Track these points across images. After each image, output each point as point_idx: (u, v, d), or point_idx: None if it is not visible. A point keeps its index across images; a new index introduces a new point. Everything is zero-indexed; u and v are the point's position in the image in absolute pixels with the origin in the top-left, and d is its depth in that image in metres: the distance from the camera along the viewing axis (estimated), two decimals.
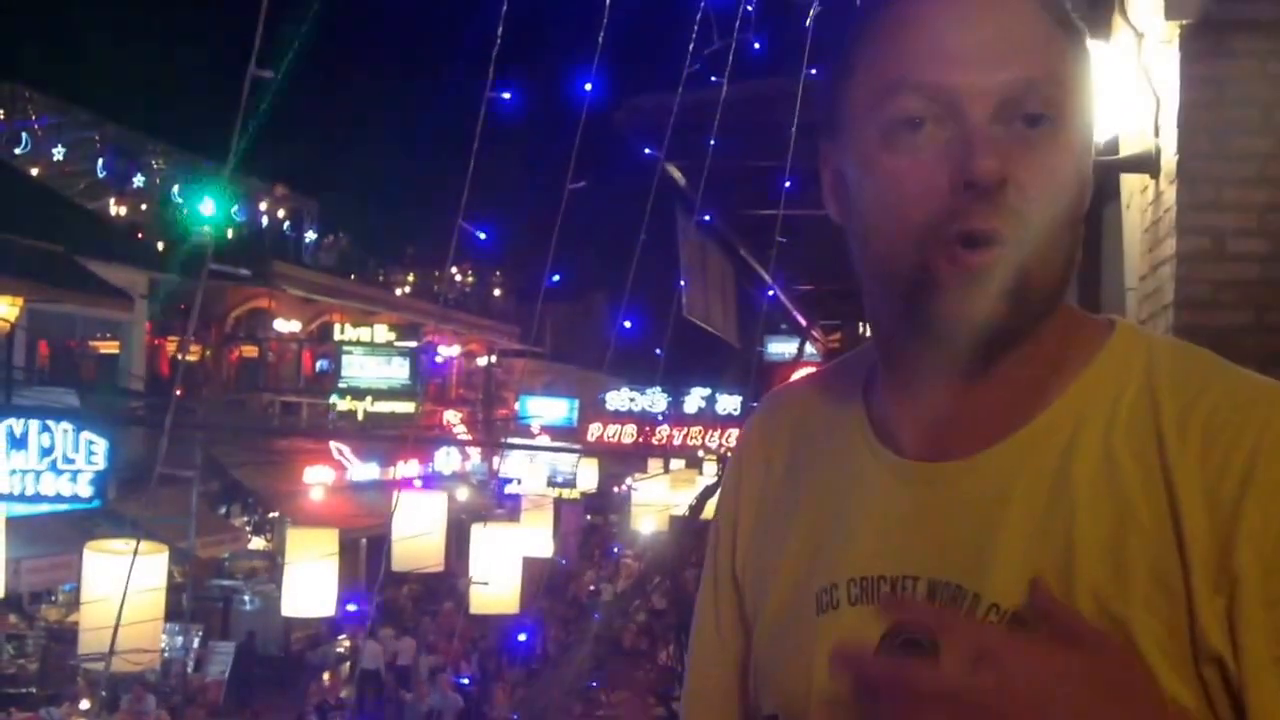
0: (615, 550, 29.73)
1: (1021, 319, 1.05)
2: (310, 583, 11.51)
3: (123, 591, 8.62)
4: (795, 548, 1.20)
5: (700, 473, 29.16)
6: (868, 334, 1.21)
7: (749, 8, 6.19)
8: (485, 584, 11.21)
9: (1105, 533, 1.03)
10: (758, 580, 1.24)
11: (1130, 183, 4.60)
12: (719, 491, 1.37)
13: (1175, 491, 1.01)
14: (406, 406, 32.68)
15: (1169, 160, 4.10)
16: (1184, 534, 1.00)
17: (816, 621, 1.14)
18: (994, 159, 1.00)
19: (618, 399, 39.57)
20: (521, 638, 15.46)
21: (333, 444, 26.57)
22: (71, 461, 17.94)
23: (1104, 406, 1.07)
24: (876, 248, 1.08)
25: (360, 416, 31.52)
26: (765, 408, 1.36)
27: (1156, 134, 4.21)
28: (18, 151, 32.61)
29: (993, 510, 1.07)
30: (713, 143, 5.97)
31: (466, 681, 18.71)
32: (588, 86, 5.50)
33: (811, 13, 5.85)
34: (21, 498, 17.38)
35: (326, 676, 20.81)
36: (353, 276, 36.01)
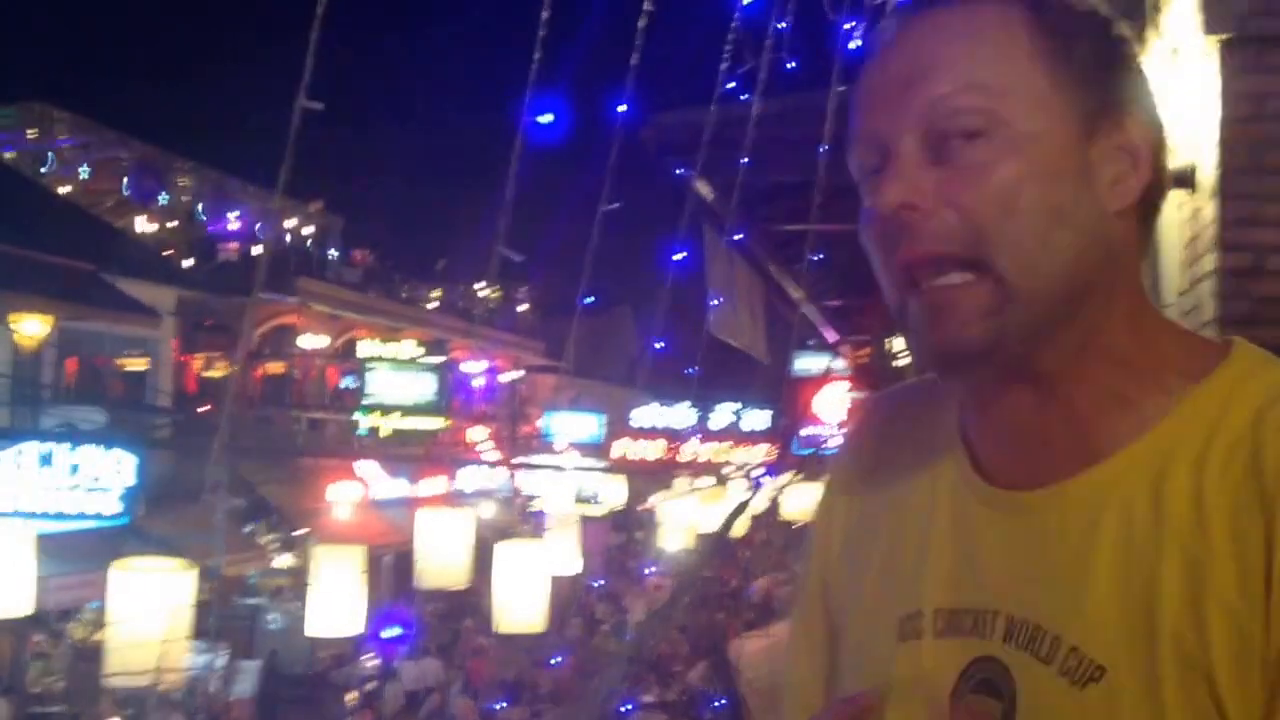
0: (650, 569, 29.55)
1: (1017, 331, 1.00)
2: (336, 601, 11.47)
3: (151, 610, 8.64)
4: (879, 566, 1.16)
5: (727, 489, 29.03)
6: (897, 349, 1.18)
7: (781, 26, 6.15)
8: (514, 604, 11.14)
9: (1188, 579, 0.96)
10: (843, 596, 1.21)
11: (1167, 198, 4.54)
12: (819, 500, 1.32)
13: (1274, 537, 0.95)
14: (432, 423, 32.66)
15: (1207, 176, 4.05)
16: (1274, 580, 0.94)
17: (897, 649, 1.10)
18: (893, 189, 1.00)
19: (644, 415, 39.46)
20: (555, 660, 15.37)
21: (356, 464, 26.60)
22: (99, 479, 17.97)
23: (1200, 437, 1.00)
24: (881, 289, 1.07)
25: (386, 433, 31.54)
26: (865, 416, 1.32)
27: (1194, 149, 4.16)
28: (45, 170, 32.84)
29: (1078, 546, 1.02)
30: (744, 160, 5.93)
31: (503, 706, 18.52)
32: (622, 108, 5.48)
33: (855, 30, 5.82)
34: (49, 515, 17.41)
35: (349, 697, 20.77)
36: (378, 293, 36.07)
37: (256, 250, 30.37)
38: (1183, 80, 4.23)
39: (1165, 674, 0.95)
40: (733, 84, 6.05)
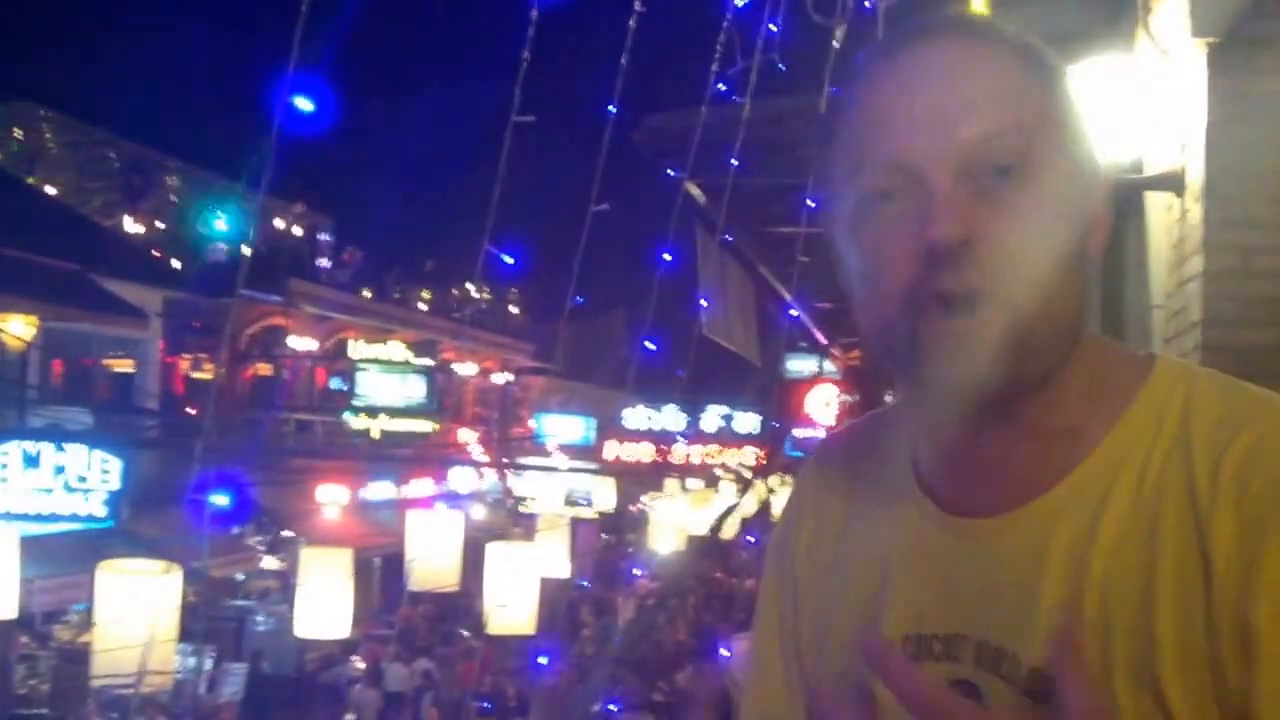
0: (639, 571, 29.55)
1: (1023, 373, 1.02)
2: (324, 603, 11.45)
3: (138, 613, 8.61)
4: (850, 601, 1.18)
5: (717, 491, 29.06)
6: None
7: (772, 28, 6.15)
8: (505, 606, 11.16)
9: (1134, 596, 1.00)
10: (815, 633, 1.23)
11: (1155, 200, 4.55)
12: (772, 535, 1.35)
13: (1207, 544, 0.98)
14: (422, 425, 32.62)
15: (1195, 178, 4.05)
16: (1213, 589, 0.97)
17: (871, 680, 1.10)
18: (952, 222, 0.99)
19: (635, 417, 39.48)
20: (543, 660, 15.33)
21: (345, 466, 26.58)
22: (85, 480, 17.92)
23: (1138, 457, 1.05)
24: (867, 318, 1.07)
25: (375, 434, 31.49)
26: (820, 454, 1.34)
27: (1182, 151, 4.16)
28: (33, 170, 32.77)
29: (1032, 569, 1.05)
30: (734, 162, 5.93)
31: (488, 706, 18.47)
32: (611, 109, 5.47)
33: (839, 32, 5.82)
34: (35, 517, 17.36)
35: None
36: (368, 294, 36.03)
37: (246, 251, 30.29)
38: (1171, 82, 4.23)
39: (1118, 683, 0.98)
40: (723, 86, 6.04)
